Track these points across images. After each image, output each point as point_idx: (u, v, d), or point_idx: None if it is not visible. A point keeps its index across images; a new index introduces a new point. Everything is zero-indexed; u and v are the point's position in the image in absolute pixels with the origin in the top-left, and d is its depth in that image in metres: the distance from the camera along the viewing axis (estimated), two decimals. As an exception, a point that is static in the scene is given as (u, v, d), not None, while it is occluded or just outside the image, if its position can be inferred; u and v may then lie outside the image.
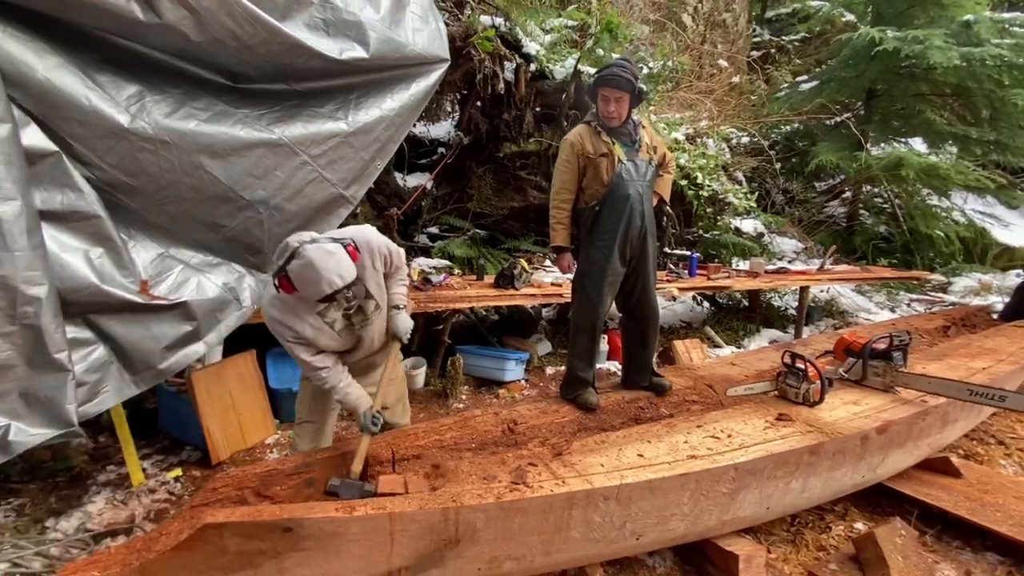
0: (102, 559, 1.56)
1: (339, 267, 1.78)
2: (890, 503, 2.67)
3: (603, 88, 2.46)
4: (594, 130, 2.55)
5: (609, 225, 2.55)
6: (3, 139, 1.90)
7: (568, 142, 2.57)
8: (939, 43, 5.82)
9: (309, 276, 1.75)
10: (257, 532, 1.53)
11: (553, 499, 1.79)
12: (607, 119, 2.52)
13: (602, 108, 2.50)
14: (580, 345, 2.70)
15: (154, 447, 3.07)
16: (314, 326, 1.95)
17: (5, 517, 2.39)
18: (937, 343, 3.79)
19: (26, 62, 2.04)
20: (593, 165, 2.52)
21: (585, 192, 2.59)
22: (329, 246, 1.79)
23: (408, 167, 5.03)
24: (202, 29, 2.19)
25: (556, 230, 2.63)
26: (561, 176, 2.58)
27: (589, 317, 2.65)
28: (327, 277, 1.75)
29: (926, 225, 7.01)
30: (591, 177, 2.55)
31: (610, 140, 2.53)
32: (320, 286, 1.75)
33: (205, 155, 2.34)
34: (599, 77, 2.48)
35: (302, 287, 1.79)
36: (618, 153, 2.52)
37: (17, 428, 1.99)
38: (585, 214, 2.60)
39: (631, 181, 2.55)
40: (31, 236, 1.96)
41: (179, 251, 2.47)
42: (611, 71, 2.45)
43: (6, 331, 1.93)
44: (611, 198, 2.53)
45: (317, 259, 1.74)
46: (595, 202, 2.55)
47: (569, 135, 2.59)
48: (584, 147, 2.53)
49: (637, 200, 2.56)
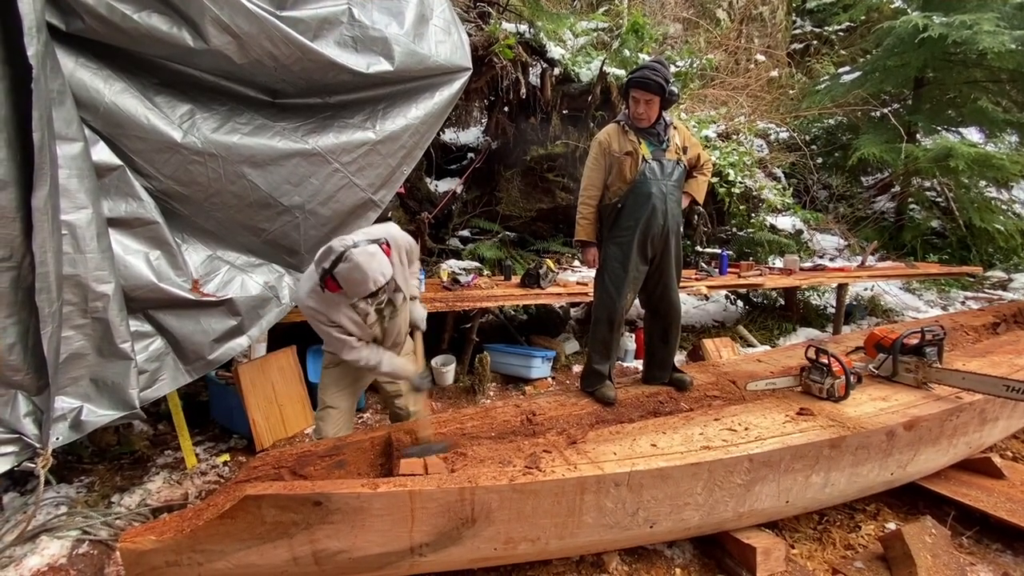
0: (158, 526, 1.74)
1: (381, 267, 1.97)
2: (927, 504, 2.59)
3: (634, 90, 2.50)
4: (622, 129, 2.60)
5: (629, 222, 2.59)
6: (76, 155, 2.17)
7: (597, 140, 2.64)
8: (989, 27, 5.51)
9: (356, 278, 1.93)
10: (290, 504, 1.67)
11: (564, 483, 1.87)
12: (636, 119, 2.56)
13: (632, 108, 2.54)
14: (597, 337, 2.76)
15: (206, 435, 3.34)
16: (349, 317, 2.13)
17: (77, 492, 2.68)
18: (983, 340, 3.61)
19: (95, 88, 2.31)
20: (617, 163, 2.57)
21: (609, 189, 2.64)
22: (370, 248, 1.97)
23: (438, 172, 5.22)
24: (244, 52, 2.41)
25: (581, 225, 2.69)
26: (589, 173, 2.65)
27: (606, 309, 2.71)
28: (373, 277, 1.94)
29: (981, 219, 6.61)
30: (615, 175, 2.60)
31: (636, 139, 2.56)
32: (367, 286, 1.94)
33: (247, 165, 2.56)
34: (631, 79, 2.51)
35: (349, 287, 1.97)
36: (644, 152, 2.56)
37: (88, 409, 2.25)
38: (608, 210, 2.66)
39: (655, 180, 2.57)
40: (100, 240, 2.22)
41: (226, 253, 2.71)
42: (643, 73, 2.47)
43: (79, 323, 2.19)
44: (633, 196, 2.58)
45: (363, 262, 1.92)
46: (618, 199, 2.61)
47: (599, 134, 2.66)
48: (611, 145, 2.59)
49: (660, 199, 2.58)
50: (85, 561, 2.21)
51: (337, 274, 1.94)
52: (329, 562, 1.74)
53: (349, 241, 1.99)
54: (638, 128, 2.58)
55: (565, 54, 4.83)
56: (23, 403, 2.15)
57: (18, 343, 2.06)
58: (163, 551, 1.65)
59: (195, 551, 1.66)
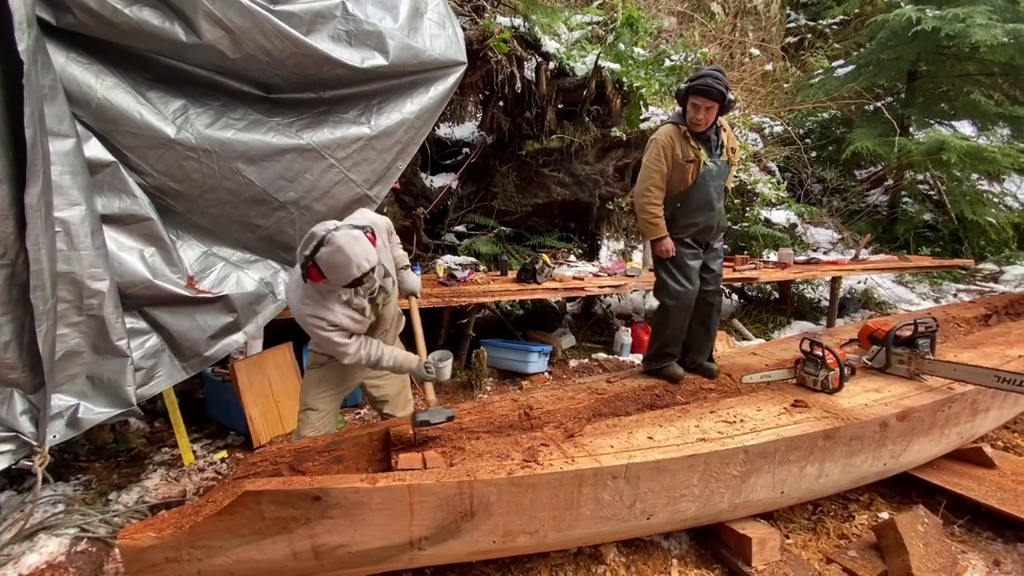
0: (157, 523, 1.74)
1: (366, 251, 1.89)
2: (920, 494, 2.62)
3: (695, 97, 2.54)
4: (683, 134, 2.65)
5: (687, 220, 2.73)
6: (69, 152, 2.15)
7: (659, 144, 2.65)
8: (981, 20, 5.54)
9: (339, 261, 1.84)
10: (289, 500, 1.68)
11: (562, 476, 1.88)
12: (694, 125, 2.62)
13: (691, 114, 2.59)
14: (672, 323, 2.81)
15: (203, 432, 3.34)
16: (346, 314, 2.06)
17: (74, 490, 2.67)
18: (975, 331, 3.65)
19: (87, 83, 2.29)
20: (680, 169, 2.66)
21: (668, 190, 2.73)
22: (353, 232, 1.90)
23: (434, 168, 5.20)
24: (237, 47, 2.39)
25: (655, 223, 2.72)
26: (651, 175, 2.68)
27: (679, 298, 2.76)
28: (356, 261, 1.85)
29: (972, 211, 6.67)
30: (677, 178, 2.69)
31: (697, 146, 2.64)
32: (350, 270, 1.85)
33: (242, 161, 2.55)
34: (692, 86, 2.56)
35: (332, 272, 1.87)
36: (704, 158, 2.66)
37: (85, 407, 2.25)
38: (667, 208, 2.75)
39: (711, 182, 2.70)
40: (94, 237, 2.21)
41: (221, 249, 2.70)
42: (705, 82, 2.51)
43: (74, 321, 2.19)
44: (692, 197, 2.70)
45: (345, 244, 1.84)
46: (676, 198, 2.72)
47: (658, 136, 2.68)
48: (674, 150, 2.64)
49: (716, 199, 2.74)
50: (84, 558, 2.21)
51: (319, 259, 1.86)
52: (329, 556, 1.75)
53: (331, 224, 1.91)
54: (695, 132, 2.64)
55: (560, 48, 4.81)
56: (19, 401, 2.14)
57: (13, 341, 2.05)
58: (162, 547, 1.65)
59: (194, 547, 1.67)
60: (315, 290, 2.01)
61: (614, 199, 5.36)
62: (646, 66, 5.14)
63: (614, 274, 4.60)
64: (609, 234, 5.84)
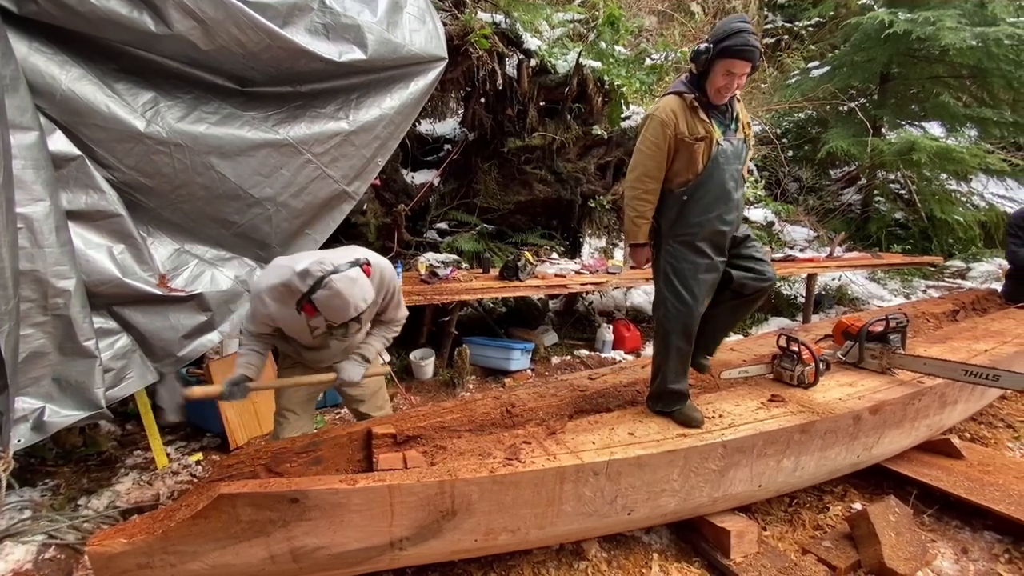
0: (128, 528, 1.69)
1: (363, 292, 1.88)
2: (891, 485, 2.69)
3: (733, 60, 1.97)
4: (689, 105, 2.09)
5: (698, 217, 2.16)
6: (31, 145, 2.07)
7: (658, 120, 2.10)
8: (951, 24, 5.71)
9: (336, 305, 1.84)
10: (266, 502, 1.65)
11: (544, 473, 1.88)
12: (717, 96, 2.07)
13: (719, 82, 2.03)
14: (672, 351, 2.28)
15: (177, 434, 3.26)
16: (296, 321, 2.01)
17: (42, 496, 2.59)
18: (943, 326, 3.76)
19: (50, 74, 2.20)
20: (687, 150, 2.09)
21: (672, 179, 2.17)
22: (351, 272, 1.85)
23: (415, 164, 5.15)
24: (210, 38, 2.32)
25: (637, 225, 2.20)
26: (645, 162, 2.14)
27: (680, 318, 2.24)
28: (354, 303, 1.85)
29: (942, 210, 6.88)
30: (682, 163, 2.13)
31: (707, 119, 2.10)
32: (347, 312, 1.86)
33: (215, 156, 2.48)
34: (728, 46, 1.95)
35: (328, 313, 1.87)
36: (716, 135, 2.11)
37: (51, 410, 2.17)
38: (669, 202, 2.20)
39: (727, 165, 2.14)
40: (59, 234, 2.13)
41: (194, 247, 2.63)
42: (745, 40, 1.94)
43: (39, 321, 2.11)
44: (703, 187, 2.13)
45: (344, 289, 1.82)
46: (683, 190, 2.15)
47: (658, 111, 2.12)
48: (678, 127, 2.08)
49: (733, 188, 2.17)
50: (52, 566, 2.15)
51: (316, 300, 1.84)
52: (308, 559, 1.72)
53: (329, 266, 1.85)
54: (709, 104, 2.11)
55: (542, 45, 4.81)
56: (-20, 405, 2.06)
57: (-27, 342, 1.96)
58: (134, 553, 1.61)
59: (167, 552, 1.63)
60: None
61: (596, 197, 5.38)
62: (627, 65, 5.17)
63: (596, 271, 4.62)
64: (591, 232, 5.87)
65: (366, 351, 2.24)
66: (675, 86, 2.18)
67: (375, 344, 2.26)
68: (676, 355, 2.29)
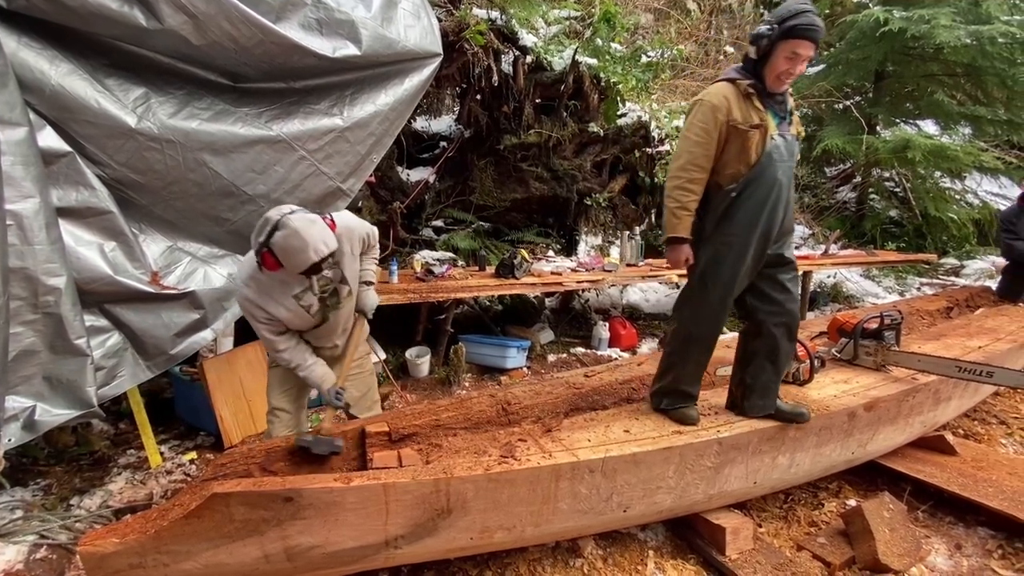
0: (120, 528, 1.68)
1: (323, 234, 1.79)
2: (885, 481, 2.70)
3: (798, 41, 1.83)
4: (743, 92, 1.95)
5: (747, 217, 2.00)
6: (21, 141, 2.04)
7: (709, 106, 1.95)
8: (945, 22, 5.73)
9: (295, 245, 1.74)
10: (260, 501, 1.63)
11: (540, 471, 1.87)
12: (777, 82, 1.93)
13: (781, 66, 1.89)
14: (693, 356, 2.20)
15: (171, 433, 3.24)
16: (289, 308, 1.99)
17: (33, 496, 2.56)
18: (937, 323, 3.78)
19: (40, 69, 2.17)
20: (740, 138, 1.94)
21: (721, 172, 2.01)
22: (310, 215, 1.82)
23: (410, 161, 5.13)
24: (201, 33, 2.30)
25: (679, 217, 2.01)
26: (692, 149, 1.97)
27: (709, 325, 2.14)
28: (313, 244, 1.75)
29: (936, 208, 6.92)
30: (734, 153, 1.96)
31: (761, 107, 1.95)
32: (307, 254, 1.75)
33: (208, 152, 2.46)
34: (794, 26, 1.82)
35: (288, 258, 1.77)
36: (771, 127, 1.96)
37: (42, 409, 2.15)
38: (717, 199, 2.03)
39: (780, 162, 1.99)
40: (49, 231, 2.11)
41: (186, 244, 2.60)
42: (811, 19, 1.82)
43: (29, 319, 2.08)
44: (755, 183, 1.97)
45: (301, 227, 1.74)
46: (732, 186, 1.99)
47: (709, 96, 1.98)
48: (731, 113, 1.93)
49: (785, 187, 2.02)
50: (44, 566, 2.13)
51: (274, 244, 1.75)
52: (302, 558, 1.71)
53: (286, 208, 1.81)
54: (764, 93, 1.96)
55: (537, 42, 4.79)
56: (-31, 404, 2.04)
57: (-39, 341, 1.94)
58: (126, 553, 1.59)
59: (160, 552, 1.61)
60: (267, 278, 1.93)
61: (592, 195, 5.38)
62: (623, 62, 5.16)
63: (592, 269, 4.62)
64: (587, 229, 5.86)
65: (367, 276, 2.29)
66: (727, 74, 2.03)
67: (368, 266, 2.31)
68: (696, 360, 2.20)
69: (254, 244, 1.85)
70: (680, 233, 2.03)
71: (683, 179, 2.00)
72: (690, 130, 1.99)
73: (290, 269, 1.83)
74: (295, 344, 2.11)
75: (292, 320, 2.03)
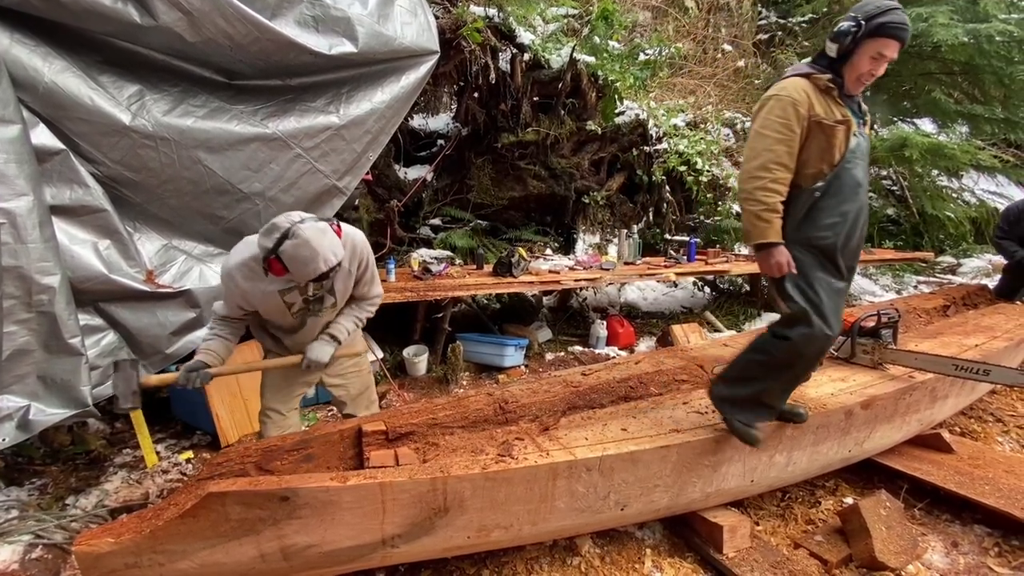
0: (115, 528, 1.67)
1: (332, 245, 1.80)
2: (882, 479, 2.70)
3: (886, 41, 1.72)
4: (823, 87, 1.82)
5: (831, 218, 1.85)
6: (14, 139, 2.03)
7: (788, 100, 1.80)
8: (943, 20, 5.72)
9: (305, 255, 1.74)
10: (256, 500, 1.62)
11: (537, 470, 1.87)
12: (856, 84, 1.83)
13: (864, 67, 1.78)
14: (789, 376, 2.02)
15: (167, 432, 3.22)
16: (269, 301, 1.96)
17: (29, 495, 2.55)
18: (934, 322, 3.79)
19: (33, 66, 2.16)
20: (825, 135, 1.80)
21: (800, 171, 1.86)
22: (320, 224, 1.80)
23: (408, 159, 5.11)
24: (196, 30, 2.28)
25: (766, 220, 1.82)
26: (773, 147, 1.81)
27: (818, 343, 1.91)
28: (323, 255, 1.76)
29: (933, 206, 6.93)
30: (816, 152, 1.83)
31: (842, 103, 1.84)
32: (316, 264, 1.76)
33: (203, 150, 2.45)
34: (883, 24, 1.71)
35: (296, 267, 1.77)
36: (853, 125, 1.85)
37: (36, 408, 2.14)
38: (800, 200, 1.88)
39: (862, 162, 1.89)
40: (43, 229, 2.09)
41: (182, 242, 2.60)
42: (900, 17, 1.71)
43: (23, 318, 2.07)
44: (839, 182, 1.85)
45: (312, 238, 1.74)
46: (817, 185, 1.85)
47: (786, 90, 1.82)
48: (813, 108, 1.80)
49: (865, 190, 1.91)
50: (39, 566, 2.12)
51: (283, 252, 1.74)
52: (298, 557, 1.71)
53: (296, 216, 1.80)
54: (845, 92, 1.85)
55: (535, 40, 4.78)
56: (-37, 404, 2.03)
57: (-45, 340, 1.93)
58: (121, 553, 1.58)
59: (156, 552, 1.60)
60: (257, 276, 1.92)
61: (590, 193, 5.37)
62: (621, 60, 5.15)
63: (590, 267, 4.62)
64: (585, 228, 5.86)
65: (335, 330, 2.13)
66: (797, 69, 1.89)
67: (345, 323, 2.16)
68: (791, 379, 2.02)
69: (260, 248, 1.83)
70: (772, 238, 1.84)
71: (766, 179, 1.82)
72: (767, 127, 1.83)
73: (297, 277, 1.83)
74: (227, 332, 2.03)
75: (269, 312, 2.00)
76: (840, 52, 1.80)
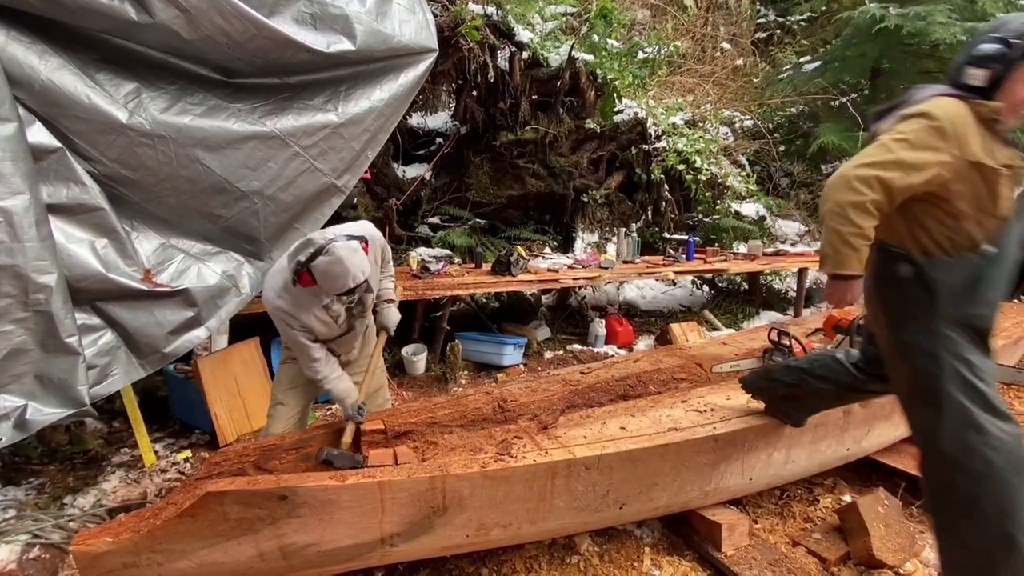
0: (113, 527, 1.67)
1: (362, 263, 1.95)
2: (880, 477, 2.71)
3: None
4: (985, 119, 1.46)
5: (994, 291, 1.52)
6: (10, 137, 2.01)
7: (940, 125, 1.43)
8: (941, 19, 5.72)
9: (336, 271, 1.88)
10: (255, 500, 1.62)
11: (536, 468, 1.87)
12: (1014, 113, 1.49)
13: (1018, 94, 1.46)
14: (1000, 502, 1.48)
15: (165, 431, 3.22)
16: (319, 318, 2.08)
17: (26, 495, 2.55)
18: (932, 320, 3.79)
19: (29, 64, 2.14)
20: (987, 180, 1.45)
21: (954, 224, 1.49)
22: (352, 243, 1.94)
23: (406, 158, 5.10)
24: (193, 27, 2.27)
25: (855, 247, 1.46)
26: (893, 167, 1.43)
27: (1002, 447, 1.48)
28: (353, 273, 1.90)
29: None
30: (973, 199, 1.47)
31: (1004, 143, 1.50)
32: (346, 281, 1.90)
33: (201, 148, 2.44)
34: None
35: (326, 281, 1.91)
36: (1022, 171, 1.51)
37: (33, 408, 2.13)
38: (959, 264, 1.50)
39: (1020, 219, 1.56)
40: (39, 228, 2.08)
41: (180, 241, 2.58)
42: None
43: (20, 317, 2.06)
44: (1006, 247, 1.52)
45: (345, 256, 1.88)
46: (975, 240, 1.49)
47: (944, 110, 1.45)
48: (968, 144, 1.43)
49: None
50: (36, 565, 2.12)
51: (315, 268, 1.89)
52: (297, 556, 1.71)
53: (330, 234, 1.96)
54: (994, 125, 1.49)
55: (534, 38, 4.77)
56: (-40, 403, 2.02)
57: (-49, 339, 1.92)
58: (119, 552, 1.58)
59: (154, 551, 1.60)
60: (298, 290, 2.02)
61: (588, 191, 5.37)
62: (620, 58, 5.14)
63: (588, 266, 4.62)
64: (583, 226, 5.86)
65: (387, 295, 2.42)
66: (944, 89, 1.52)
67: (388, 285, 2.43)
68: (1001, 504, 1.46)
69: (291, 263, 1.95)
70: (855, 270, 1.48)
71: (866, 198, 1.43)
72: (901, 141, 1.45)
73: (326, 290, 1.98)
74: (327, 355, 2.17)
75: (320, 329, 2.11)
76: (991, 80, 1.46)
